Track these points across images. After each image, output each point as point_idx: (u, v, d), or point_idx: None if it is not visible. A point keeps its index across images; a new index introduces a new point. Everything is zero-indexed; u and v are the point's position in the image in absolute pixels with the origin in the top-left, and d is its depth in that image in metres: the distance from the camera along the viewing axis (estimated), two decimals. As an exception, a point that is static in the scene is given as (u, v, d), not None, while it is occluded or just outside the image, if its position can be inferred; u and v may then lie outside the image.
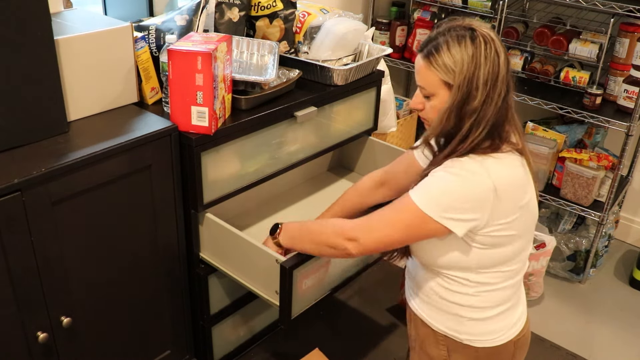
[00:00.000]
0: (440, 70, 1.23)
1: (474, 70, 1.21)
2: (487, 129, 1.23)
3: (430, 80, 1.26)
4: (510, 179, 1.24)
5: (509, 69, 1.25)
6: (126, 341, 1.74)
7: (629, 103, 2.42)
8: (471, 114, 1.22)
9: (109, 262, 1.59)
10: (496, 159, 1.23)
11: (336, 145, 2.11)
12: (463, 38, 1.22)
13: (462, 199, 1.21)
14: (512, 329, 1.39)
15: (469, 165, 1.22)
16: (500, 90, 1.23)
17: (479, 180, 1.21)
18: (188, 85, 1.52)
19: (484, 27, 1.25)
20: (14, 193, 1.31)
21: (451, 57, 1.22)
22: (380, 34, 2.98)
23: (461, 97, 1.22)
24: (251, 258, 1.64)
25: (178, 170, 1.64)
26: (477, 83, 1.21)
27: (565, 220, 2.73)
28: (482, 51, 1.21)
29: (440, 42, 1.24)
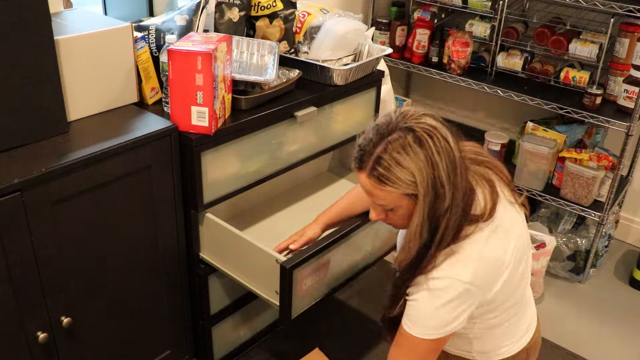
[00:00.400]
0: (399, 186, 1.14)
1: (433, 171, 1.12)
2: (459, 217, 1.17)
3: (389, 198, 1.18)
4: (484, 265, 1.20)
5: (459, 146, 1.17)
6: (126, 341, 1.74)
7: (629, 103, 2.42)
8: (445, 213, 1.15)
9: (109, 262, 1.59)
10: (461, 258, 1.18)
11: (336, 145, 2.11)
12: (408, 145, 1.12)
13: (452, 311, 1.20)
14: (523, 337, 1.39)
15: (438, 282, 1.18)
16: (461, 172, 1.16)
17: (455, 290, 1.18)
18: (188, 85, 1.52)
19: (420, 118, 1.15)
20: (14, 193, 1.31)
21: (405, 170, 1.12)
22: (380, 34, 2.97)
23: (430, 204, 1.14)
24: (251, 258, 1.64)
25: (178, 170, 1.64)
26: (441, 182, 1.13)
27: (565, 220, 2.73)
28: (433, 148, 1.12)
29: (382, 157, 1.13)
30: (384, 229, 1.80)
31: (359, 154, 1.18)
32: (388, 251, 1.91)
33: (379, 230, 1.79)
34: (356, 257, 1.81)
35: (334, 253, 1.66)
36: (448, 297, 1.19)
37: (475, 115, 3.26)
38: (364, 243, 1.78)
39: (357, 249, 1.77)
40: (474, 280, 1.19)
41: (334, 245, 1.64)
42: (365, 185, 1.19)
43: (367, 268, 1.87)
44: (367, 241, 1.79)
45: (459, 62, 2.73)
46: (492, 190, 1.25)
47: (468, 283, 1.18)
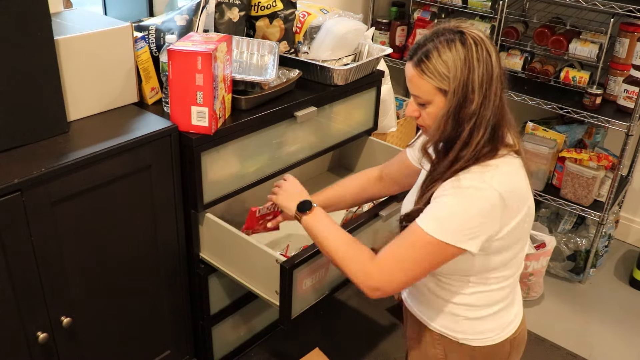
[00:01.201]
0: (434, 77, 1.21)
1: (468, 73, 1.19)
2: (488, 131, 1.22)
3: (424, 89, 1.23)
4: (513, 185, 1.23)
5: (501, 67, 1.24)
6: (126, 341, 1.74)
7: (629, 103, 2.42)
8: (470, 117, 1.20)
9: (109, 262, 1.59)
10: (497, 168, 1.22)
11: (336, 145, 2.11)
12: (453, 42, 1.19)
13: (474, 218, 1.19)
14: (508, 327, 1.39)
15: (472, 182, 1.20)
16: (496, 88, 1.21)
17: (485, 195, 1.19)
18: (188, 85, 1.52)
19: (472, 29, 1.23)
20: (14, 193, 1.31)
21: (443, 63, 1.19)
22: (380, 34, 2.98)
23: (458, 102, 1.20)
24: (251, 258, 1.65)
25: (178, 170, 1.64)
26: (472, 86, 1.19)
27: (565, 220, 2.73)
28: (474, 53, 1.19)
29: (429, 48, 1.21)
30: (384, 229, 1.80)
31: (414, 46, 1.26)
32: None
33: (379, 231, 1.79)
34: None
35: (334, 253, 1.66)
36: (476, 199, 1.19)
37: (475, 115, 3.26)
38: (364, 243, 1.77)
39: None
40: (503, 193, 1.19)
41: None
42: (409, 74, 1.26)
43: (367, 268, 1.87)
44: (367, 241, 1.79)
45: (459, 62, 2.73)
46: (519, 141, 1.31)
47: (498, 193, 1.18)
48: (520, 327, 1.43)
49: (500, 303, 1.36)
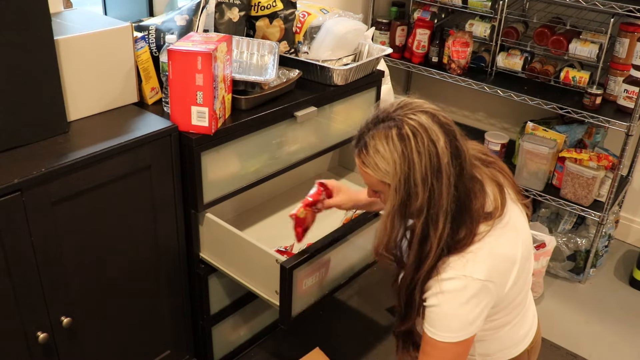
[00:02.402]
0: (374, 171, 1.16)
1: (408, 170, 1.12)
2: (448, 221, 1.15)
3: (369, 180, 1.20)
4: (497, 262, 1.20)
5: (456, 147, 1.15)
6: (126, 341, 1.74)
7: (629, 103, 2.42)
8: (418, 213, 1.14)
9: (109, 262, 1.59)
10: (475, 255, 1.18)
11: (336, 145, 2.11)
12: (389, 135, 1.13)
13: (473, 310, 1.19)
14: (525, 339, 1.39)
15: (452, 283, 1.17)
16: (448, 178, 1.13)
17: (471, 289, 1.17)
18: (188, 85, 1.52)
19: (415, 112, 1.14)
20: (14, 193, 1.31)
21: (381, 157, 1.14)
22: (380, 34, 2.97)
23: (401, 200, 1.14)
24: (251, 258, 1.65)
25: (178, 170, 1.64)
26: (414, 182, 1.12)
27: (565, 220, 2.73)
28: (413, 147, 1.11)
29: (367, 139, 1.16)
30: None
31: (358, 133, 1.22)
32: (388, 251, 1.91)
33: (379, 230, 1.79)
34: (356, 257, 1.81)
35: (334, 253, 1.66)
36: (466, 296, 1.18)
37: (475, 115, 3.26)
38: (364, 243, 1.78)
39: (357, 249, 1.77)
40: (489, 277, 1.18)
41: (334, 245, 1.64)
42: (357, 163, 1.23)
43: (367, 268, 1.88)
44: (367, 241, 1.79)
45: (459, 62, 2.73)
46: (501, 190, 1.26)
47: (484, 280, 1.17)
48: (537, 335, 1.43)
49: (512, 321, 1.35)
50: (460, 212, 1.17)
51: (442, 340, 1.22)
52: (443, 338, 1.21)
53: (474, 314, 1.20)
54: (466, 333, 1.22)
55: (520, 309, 1.35)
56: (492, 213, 1.21)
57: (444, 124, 1.16)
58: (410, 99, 1.20)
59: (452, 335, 1.21)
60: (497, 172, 1.30)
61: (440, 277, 1.18)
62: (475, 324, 1.22)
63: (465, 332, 1.21)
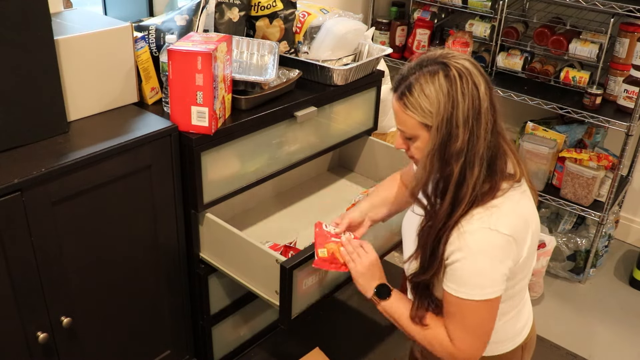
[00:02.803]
0: (416, 112, 1.16)
1: (452, 109, 1.13)
2: (484, 168, 1.16)
3: (408, 123, 1.19)
4: (519, 221, 1.20)
5: (492, 97, 1.18)
6: (126, 341, 1.74)
7: (628, 103, 2.42)
8: (457, 156, 1.14)
9: (109, 262, 1.59)
10: (499, 209, 1.17)
11: (336, 145, 2.11)
12: (435, 74, 1.14)
13: (499, 267, 1.18)
14: (520, 334, 1.39)
15: (479, 235, 1.16)
16: (486, 123, 1.15)
17: (497, 244, 1.16)
18: (188, 85, 1.52)
19: (458, 59, 1.17)
20: (14, 193, 1.31)
21: (426, 97, 1.14)
22: (380, 34, 2.98)
23: (442, 140, 1.14)
24: (251, 258, 1.65)
25: (178, 170, 1.64)
26: (457, 122, 1.13)
27: (565, 220, 2.73)
28: (458, 87, 1.13)
29: (412, 81, 1.16)
30: (384, 229, 1.80)
31: (398, 78, 1.21)
32: (388, 251, 1.91)
33: (379, 231, 1.79)
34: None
35: (334, 253, 1.66)
36: (493, 250, 1.16)
37: (475, 115, 3.26)
38: (364, 243, 1.78)
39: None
40: (513, 233, 1.17)
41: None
42: (394, 108, 1.22)
43: (367, 268, 1.87)
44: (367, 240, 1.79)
45: (459, 62, 2.73)
46: (518, 161, 1.27)
47: (508, 235, 1.16)
48: (532, 331, 1.43)
49: (511, 312, 1.35)
50: (491, 163, 1.18)
51: (469, 298, 1.18)
52: (470, 296, 1.18)
53: (500, 270, 1.17)
54: (494, 291, 1.18)
55: (519, 300, 1.35)
56: (512, 175, 1.23)
57: (483, 73, 1.19)
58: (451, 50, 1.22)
59: (480, 293, 1.17)
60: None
61: (464, 229, 1.17)
62: (501, 283, 1.18)
63: (493, 289, 1.18)
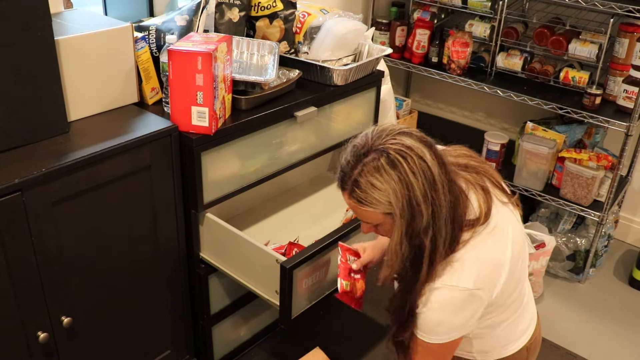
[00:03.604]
0: (374, 206, 1.16)
1: (408, 192, 1.12)
2: (449, 229, 1.17)
3: (369, 217, 1.20)
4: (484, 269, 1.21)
5: (437, 156, 1.16)
6: (126, 341, 1.74)
7: (628, 103, 2.42)
8: (425, 230, 1.15)
9: (109, 262, 1.59)
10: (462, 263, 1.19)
11: (336, 145, 2.11)
12: (379, 166, 1.13)
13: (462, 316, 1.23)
14: (523, 335, 1.40)
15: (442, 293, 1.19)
16: (442, 186, 1.15)
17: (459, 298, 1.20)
18: (188, 85, 1.52)
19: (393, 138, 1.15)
20: (14, 193, 1.31)
21: (378, 190, 1.14)
22: (380, 34, 2.98)
23: (407, 223, 1.15)
24: (251, 258, 1.65)
25: (178, 170, 1.64)
26: (417, 202, 1.13)
27: (564, 220, 2.73)
28: (407, 169, 1.12)
29: (356, 178, 1.16)
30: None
31: (340, 175, 1.21)
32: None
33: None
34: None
35: (334, 253, 1.66)
36: (454, 306, 1.21)
37: (475, 115, 3.26)
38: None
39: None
40: (476, 285, 1.20)
41: (334, 245, 1.64)
42: (349, 204, 1.23)
43: (367, 268, 1.87)
44: (367, 239, 1.79)
45: (458, 62, 2.73)
46: (486, 194, 1.26)
47: (472, 289, 1.20)
48: (536, 331, 1.43)
49: (509, 318, 1.36)
50: (456, 219, 1.19)
51: (430, 342, 1.26)
52: (432, 340, 1.25)
53: (462, 319, 1.23)
54: (455, 335, 1.25)
55: (517, 307, 1.36)
56: (475, 220, 1.22)
57: (421, 138, 1.17)
58: (380, 125, 1.21)
59: (440, 338, 1.25)
60: (483, 176, 1.30)
61: (430, 286, 1.21)
62: (466, 327, 1.25)
63: (453, 334, 1.25)
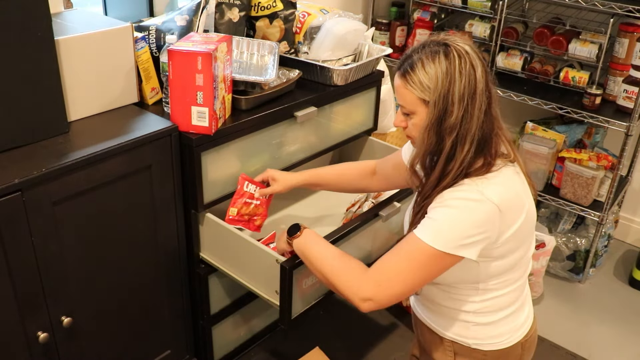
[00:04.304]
0: (416, 88, 1.23)
1: (449, 86, 1.19)
2: (474, 145, 1.21)
3: (408, 99, 1.25)
4: (510, 194, 1.23)
5: (488, 82, 1.23)
6: (126, 341, 1.74)
7: (628, 103, 2.43)
8: (451, 130, 1.20)
9: (109, 262, 1.59)
10: (491, 180, 1.22)
11: (336, 145, 2.12)
12: (437, 54, 1.21)
13: (472, 227, 1.19)
14: (519, 330, 1.39)
15: (467, 194, 1.20)
16: (481, 103, 1.21)
17: (482, 207, 1.19)
18: (188, 85, 1.52)
19: (459, 42, 1.23)
20: (15, 193, 1.31)
21: (426, 74, 1.21)
22: (380, 34, 2.98)
23: (438, 114, 1.21)
24: (251, 258, 1.65)
25: (178, 170, 1.65)
26: (452, 99, 1.19)
27: (564, 220, 2.73)
28: (457, 66, 1.20)
29: (414, 59, 1.23)
30: (384, 229, 1.80)
31: (403, 57, 1.28)
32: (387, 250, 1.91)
33: (378, 230, 1.79)
34: (356, 256, 1.81)
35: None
36: (473, 208, 1.19)
37: (475, 115, 3.26)
38: (364, 243, 1.78)
39: (357, 249, 1.77)
40: (499, 202, 1.19)
41: (334, 245, 1.64)
42: (396, 84, 1.28)
43: (367, 268, 1.87)
44: (367, 241, 1.79)
45: (458, 62, 2.73)
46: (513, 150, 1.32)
47: (494, 202, 1.18)
48: (532, 329, 1.43)
49: (511, 307, 1.36)
50: (482, 142, 1.23)
51: (424, 239, 1.19)
52: (426, 238, 1.19)
53: (470, 233, 1.18)
54: (449, 246, 1.18)
55: (520, 293, 1.37)
56: (506, 154, 1.28)
57: (482, 59, 1.24)
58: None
59: (436, 240, 1.18)
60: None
61: (445, 196, 1.22)
62: (466, 244, 1.18)
63: (449, 244, 1.18)
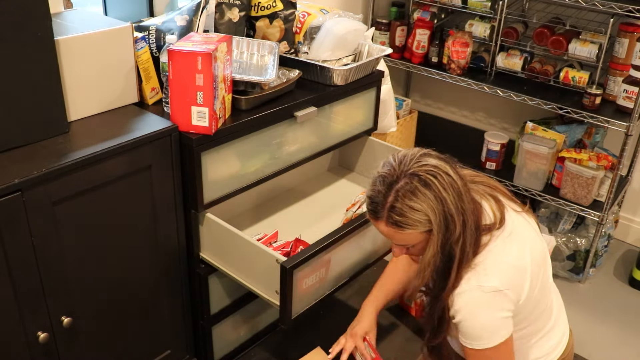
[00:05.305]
0: (416, 227, 1.23)
1: (443, 207, 1.21)
2: (474, 235, 1.25)
3: (409, 238, 1.27)
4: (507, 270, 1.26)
5: (457, 171, 1.26)
6: (126, 341, 1.74)
7: (628, 103, 2.43)
8: (457, 241, 1.23)
9: (109, 262, 1.59)
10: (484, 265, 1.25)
11: (336, 145, 2.11)
12: (415, 189, 1.21)
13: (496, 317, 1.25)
14: (555, 351, 1.42)
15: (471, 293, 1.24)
16: (466, 194, 1.24)
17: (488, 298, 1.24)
18: (188, 85, 1.52)
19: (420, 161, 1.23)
20: (14, 193, 1.31)
21: (418, 212, 1.21)
22: (380, 34, 2.98)
23: (443, 236, 1.23)
24: (251, 258, 1.65)
25: (178, 171, 1.65)
26: (450, 215, 1.21)
27: (565, 220, 2.73)
28: (438, 185, 1.21)
29: (393, 204, 1.22)
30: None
31: (372, 205, 1.26)
32: (388, 251, 1.91)
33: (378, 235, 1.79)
34: (356, 256, 1.81)
35: (334, 253, 1.67)
36: (483, 306, 1.24)
37: (475, 115, 3.27)
38: (364, 243, 1.78)
39: (357, 249, 1.78)
40: (502, 284, 1.23)
41: (334, 245, 1.64)
42: (384, 232, 1.28)
43: (367, 268, 1.88)
44: (367, 241, 1.79)
45: (458, 62, 2.73)
46: (497, 202, 1.32)
47: (497, 287, 1.23)
48: (568, 348, 1.46)
49: (541, 332, 1.39)
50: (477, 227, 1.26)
51: (481, 348, 1.28)
52: (481, 346, 1.28)
53: (498, 318, 1.25)
54: (501, 336, 1.26)
55: (547, 319, 1.39)
56: (491, 225, 1.29)
57: (439, 156, 1.26)
58: (398, 152, 1.28)
59: (488, 342, 1.27)
60: (492, 189, 1.37)
61: (457, 291, 1.25)
62: (506, 325, 1.26)
63: (499, 334, 1.26)
